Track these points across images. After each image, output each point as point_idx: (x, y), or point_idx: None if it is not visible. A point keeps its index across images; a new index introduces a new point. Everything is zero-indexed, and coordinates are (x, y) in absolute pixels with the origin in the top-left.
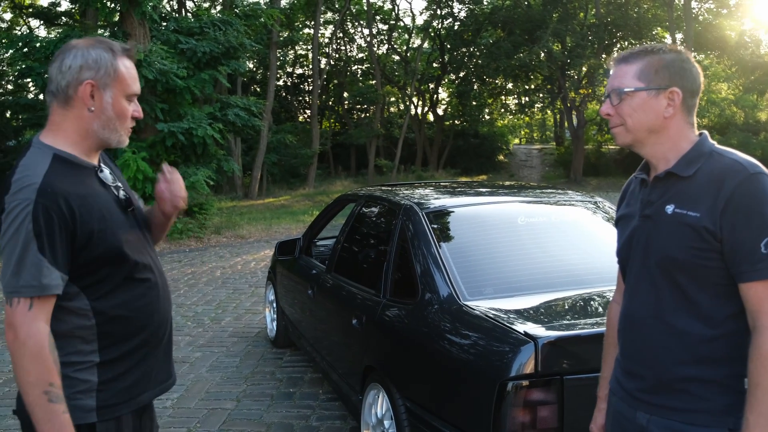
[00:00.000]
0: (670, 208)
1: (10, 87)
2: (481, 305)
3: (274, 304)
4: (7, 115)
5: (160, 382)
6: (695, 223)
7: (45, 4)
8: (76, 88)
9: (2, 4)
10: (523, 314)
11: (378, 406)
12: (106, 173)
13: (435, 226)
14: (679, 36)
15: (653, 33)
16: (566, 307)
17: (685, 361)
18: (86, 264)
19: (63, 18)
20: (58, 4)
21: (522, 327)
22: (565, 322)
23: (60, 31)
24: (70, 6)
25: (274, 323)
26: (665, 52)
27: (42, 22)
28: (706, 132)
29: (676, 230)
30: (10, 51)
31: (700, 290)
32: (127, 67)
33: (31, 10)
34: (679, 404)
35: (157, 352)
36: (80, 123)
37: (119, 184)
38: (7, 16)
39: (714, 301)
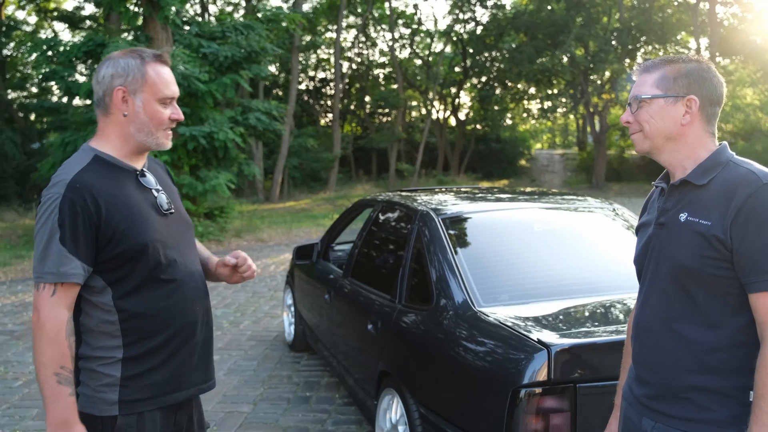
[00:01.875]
0: (683, 216)
1: (34, 90)
2: (496, 312)
3: (292, 308)
4: (32, 117)
5: (195, 384)
6: (706, 232)
7: (69, 8)
8: (110, 96)
9: (27, 7)
10: (538, 321)
11: (392, 411)
12: (149, 178)
13: (451, 232)
14: (703, 41)
15: (677, 38)
16: (581, 314)
17: (692, 370)
18: (111, 259)
19: (87, 22)
20: (83, 8)
21: (535, 334)
22: (579, 329)
23: (84, 34)
24: (95, 10)
25: (292, 327)
26: (685, 61)
27: (67, 25)
28: (725, 142)
29: (688, 238)
30: (35, 54)
31: (710, 299)
32: (157, 72)
33: (55, 13)
34: (684, 413)
35: (186, 352)
36: (119, 128)
37: (160, 188)
38: (32, 19)
39: (723, 311)
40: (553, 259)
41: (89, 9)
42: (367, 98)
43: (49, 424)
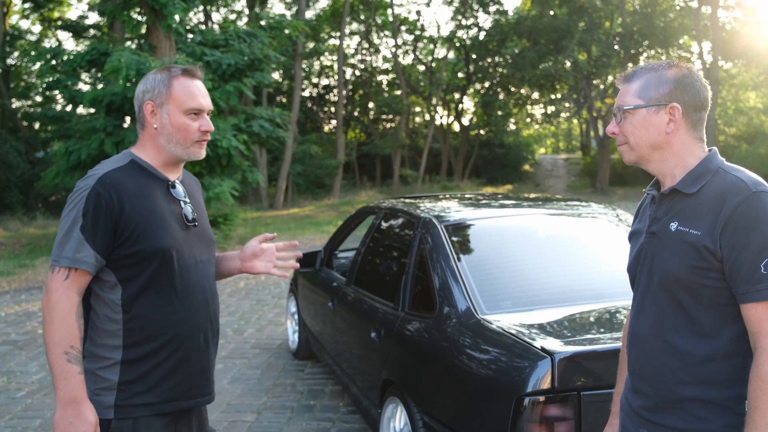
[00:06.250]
0: (673, 226)
1: (38, 99)
2: (499, 319)
3: (296, 316)
4: (36, 126)
5: (193, 396)
6: (696, 242)
7: (73, 18)
8: (142, 110)
9: (32, 17)
10: (541, 328)
11: (396, 420)
12: (179, 189)
13: (454, 239)
14: (706, 45)
15: (680, 42)
16: (585, 321)
17: (686, 381)
18: (126, 256)
19: (91, 31)
20: (87, 17)
21: (539, 342)
22: (583, 336)
23: (88, 43)
24: (98, 19)
25: (296, 335)
26: (665, 68)
27: (71, 34)
28: (715, 148)
29: (679, 248)
30: (39, 63)
31: (702, 310)
32: (183, 85)
33: (60, 22)
34: (680, 424)
35: (185, 363)
36: (152, 140)
37: (188, 200)
38: (37, 28)
39: (715, 322)
40: (556, 266)
41: (93, 18)
42: (371, 104)
43: (59, 402)
